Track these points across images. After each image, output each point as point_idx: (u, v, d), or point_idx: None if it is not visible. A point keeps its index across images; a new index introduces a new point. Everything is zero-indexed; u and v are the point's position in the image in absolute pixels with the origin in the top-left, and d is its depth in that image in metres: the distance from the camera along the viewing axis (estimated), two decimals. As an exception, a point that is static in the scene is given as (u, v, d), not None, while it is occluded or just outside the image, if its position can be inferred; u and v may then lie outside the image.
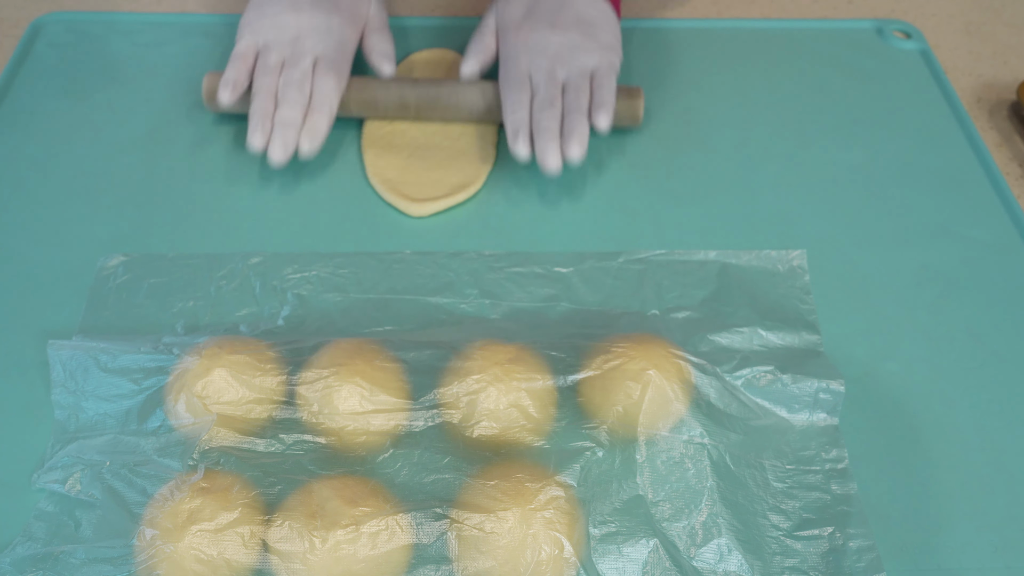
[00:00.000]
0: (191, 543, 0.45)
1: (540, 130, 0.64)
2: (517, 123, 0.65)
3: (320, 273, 0.62)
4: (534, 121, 0.65)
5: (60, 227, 0.65)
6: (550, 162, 0.63)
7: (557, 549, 0.46)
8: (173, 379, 0.52)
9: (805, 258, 0.63)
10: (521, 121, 0.65)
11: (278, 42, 0.68)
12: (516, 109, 0.66)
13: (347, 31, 0.69)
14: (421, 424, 0.52)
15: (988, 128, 0.76)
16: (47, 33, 0.79)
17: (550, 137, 0.64)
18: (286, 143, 0.64)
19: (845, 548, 0.49)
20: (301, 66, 0.67)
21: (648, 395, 0.51)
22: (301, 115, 0.65)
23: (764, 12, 0.85)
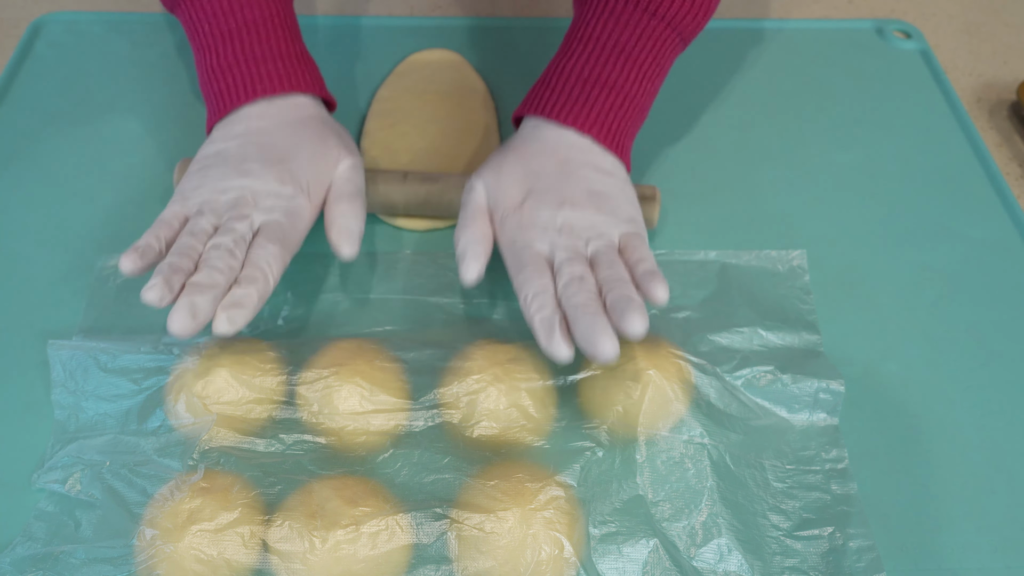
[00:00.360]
0: (191, 543, 0.45)
1: (579, 312, 0.49)
2: (547, 319, 0.50)
3: (320, 273, 0.62)
4: (567, 301, 0.50)
5: (60, 227, 0.65)
6: (607, 349, 0.47)
7: (557, 549, 0.46)
8: (173, 379, 0.52)
9: (805, 258, 0.63)
10: (551, 316, 0.50)
11: (214, 206, 0.54)
12: (541, 301, 0.50)
13: (302, 201, 0.56)
14: (421, 424, 0.52)
15: (988, 128, 0.76)
16: (47, 33, 0.79)
17: (596, 316, 0.49)
18: (196, 309, 0.48)
19: (845, 548, 0.49)
20: (236, 231, 0.53)
21: (648, 395, 0.51)
22: (225, 282, 0.50)
23: (764, 12, 0.85)
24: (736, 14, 0.84)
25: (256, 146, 0.57)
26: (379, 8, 0.84)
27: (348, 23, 0.81)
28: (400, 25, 0.81)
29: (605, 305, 0.50)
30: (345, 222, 0.56)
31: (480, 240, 0.55)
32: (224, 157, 0.57)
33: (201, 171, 0.57)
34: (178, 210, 0.55)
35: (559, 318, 0.50)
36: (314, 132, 0.59)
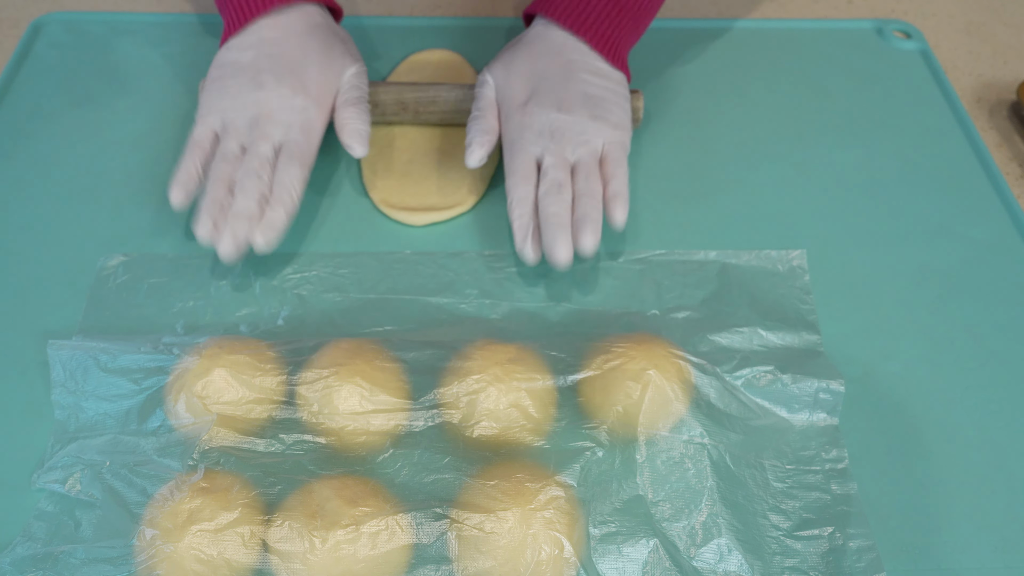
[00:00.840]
0: (191, 543, 0.45)
1: (548, 220, 0.59)
2: (524, 224, 0.60)
3: (320, 273, 0.62)
4: (541, 208, 0.60)
5: (60, 227, 0.65)
6: (560, 254, 0.58)
7: (557, 549, 0.46)
8: (173, 379, 0.52)
9: (805, 258, 0.63)
10: (527, 222, 0.60)
11: (238, 124, 0.62)
12: (522, 209, 0.60)
13: (313, 112, 0.63)
14: (421, 424, 0.52)
15: (988, 128, 0.76)
16: (47, 33, 0.79)
17: (559, 227, 0.58)
18: (237, 237, 0.58)
19: (845, 548, 0.49)
20: (261, 153, 0.60)
21: (648, 395, 0.51)
22: (258, 207, 0.59)
23: (764, 12, 0.85)
24: (736, 14, 0.84)
25: (268, 57, 0.63)
26: (379, 8, 0.84)
27: (348, 23, 0.81)
28: (400, 25, 0.81)
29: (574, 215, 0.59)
30: (355, 125, 0.63)
31: (487, 131, 0.64)
32: (239, 67, 0.63)
33: (219, 83, 0.63)
34: (205, 129, 0.62)
35: (534, 226, 0.60)
36: (322, 40, 0.65)
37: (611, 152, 0.62)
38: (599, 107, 0.63)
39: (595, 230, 0.58)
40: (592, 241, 0.58)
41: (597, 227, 0.59)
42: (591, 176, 0.61)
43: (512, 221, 0.60)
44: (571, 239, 0.58)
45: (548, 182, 0.60)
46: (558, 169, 0.61)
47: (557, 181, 0.60)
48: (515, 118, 0.63)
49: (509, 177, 0.62)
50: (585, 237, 0.58)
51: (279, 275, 0.62)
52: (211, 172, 0.60)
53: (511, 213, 0.60)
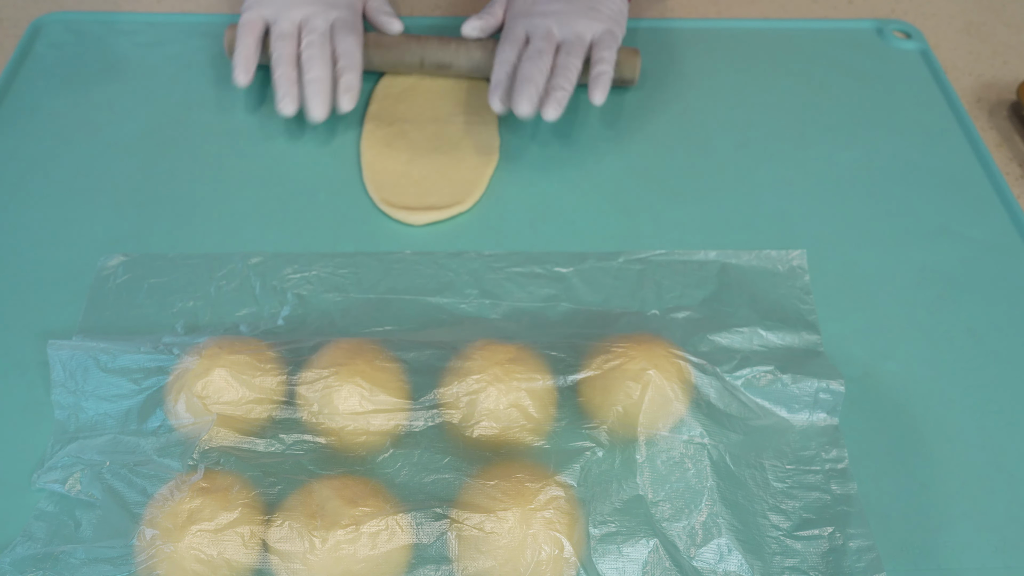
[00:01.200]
0: (191, 543, 0.45)
1: (521, 78, 0.64)
2: (499, 77, 0.66)
3: (320, 273, 0.62)
4: (518, 66, 0.65)
5: (60, 227, 0.65)
6: (522, 108, 0.63)
7: (557, 549, 0.46)
8: (173, 379, 0.52)
9: (805, 258, 0.63)
10: (503, 76, 0.66)
11: (286, 9, 0.68)
12: (502, 64, 0.66)
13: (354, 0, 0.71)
14: (421, 424, 0.52)
15: (988, 128, 0.76)
16: (47, 33, 0.79)
17: (529, 86, 0.63)
18: (324, 99, 0.65)
19: (845, 548, 0.49)
20: (319, 29, 0.67)
21: (648, 395, 0.51)
22: (330, 74, 0.66)
23: (764, 12, 0.85)
24: (736, 14, 0.84)
25: None
26: (379, 8, 0.84)
27: (348, 23, 0.81)
28: (400, 25, 0.81)
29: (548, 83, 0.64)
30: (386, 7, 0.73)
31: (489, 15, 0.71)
32: None
33: None
34: (254, 15, 0.68)
35: (507, 84, 0.65)
36: None
37: (601, 39, 0.67)
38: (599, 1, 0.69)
39: (560, 101, 0.63)
40: (554, 111, 0.63)
41: (564, 98, 0.64)
42: (573, 52, 0.65)
43: (492, 75, 0.66)
44: (536, 97, 0.63)
45: (530, 49, 0.65)
46: (542, 40, 0.66)
47: (538, 49, 0.65)
48: (518, 3, 0.70)
49: (499, 45, 0.68)
50: (549, 106, 0.63)
51: (279, 275, 0.62)
52: (274, 52, 0.66)
53: (493, 69, 0.67)
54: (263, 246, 0.64)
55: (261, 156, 0.70)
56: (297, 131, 0.72)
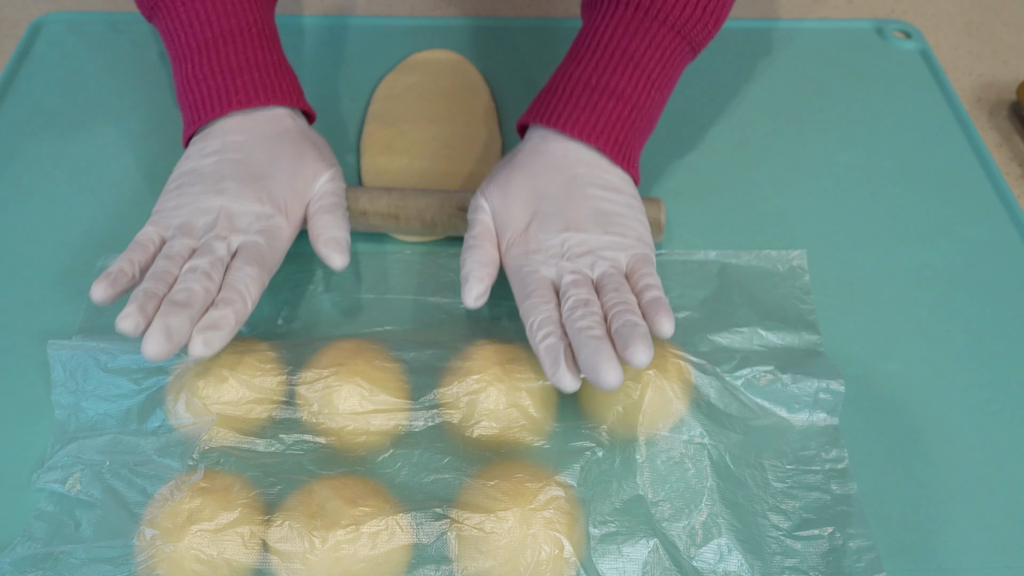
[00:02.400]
0: (191, 543, 0.45)
1: (582, 335, 0.48)
2: (553, 347, 0.49)
3: (320, 273, 0.62)
4: (571, 328, 0.49)
5: (60, 227, 0.65)
6: (611, 376, 0.47)
7: (557, 549, 0.46)
8: (173, 379, 0.52)
9: (805, 258, 0.63)
10: (556, 344, 0.49)
11: (191, 228, 0.54)
12: (547, 330, 0.50)
13: (278, 221, 0.55)
14: (421, 424, 0.52)
15: (988, 128, 0.76)
16: (47, 33, 0.79)
17: (603, 344, 0.48)
18: (170, 329, 0.48)
19: (845, 548, 0.49)
20: (214, 253, 0.52)
21: (648, 395, 0.51)
22: (200, 304, 0.50)
23: (764, 12, 0.85)
24: (736, 14, 0.84)
25: (232, 163, 0.56)
26: (379, 8, 0.84)
27: (348, 23, 0.81)
28: (400, 25, 0.81)
29: (610, 332, 0.49)
30: (331, 233, 0.56)
31: (486, 263, 0.54)
32: (200, 175, 0.56)
33: (178, 189, 0.56)
34: (153, 232, 0.54)
35: (564, 346, 0.49)
36: (291, 146, 0.58)
37: (637, 264, 0.53)
38: (614, 224, 0.55)
39: (647, 339, 0.48)
40: (646, 354, 0.47)
41: (647, 335, 0.48)
42: (622, 288, 0.51)
43: (537, 347, 0.50)
44: (616, 356, 0.48)
45: (571, 300, 0.51)
46: (580, 287, 0.52)
47: (583, 299, 0.51)
48: (518, 246, 0.55)
49: (524, 302, 0.52)
50: (637, 351, 0.47)
51: (279, 275, 0.61)
52: (151, 269, 0.51)
53: (533, 338, 0.50)
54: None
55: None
56: (297, 131, 0.72)
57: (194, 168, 0.57)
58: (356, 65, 0.77)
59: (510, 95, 0.75)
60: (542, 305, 0.51)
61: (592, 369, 0.47)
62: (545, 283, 0.53)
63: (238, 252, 0.53)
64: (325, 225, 0.56)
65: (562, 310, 0.51)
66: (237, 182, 0.55)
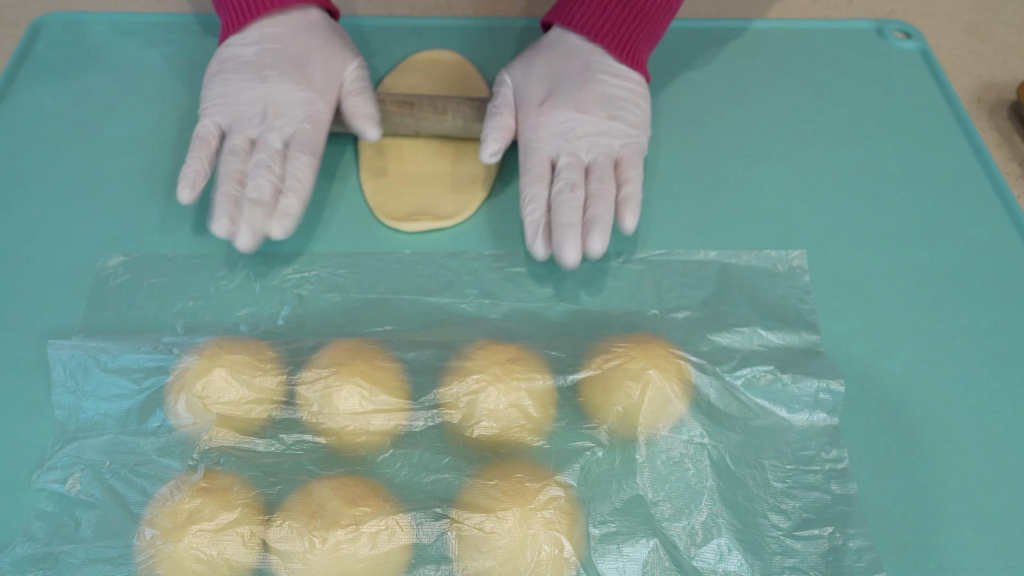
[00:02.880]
0: (191, 543, 0.45)
1: (559, 220, 0.59)
2: (535, 221, 0.60)
3: (320, 273, 0.62)
4: (553, 208, 0.60)
5: (60, 227, 0.65)
6: (568, 256, 0.58)
7: (557, 549, 0.46)
8: (173, 379, 0.52)
9: (805, 258, 0.63)
10: (539, 219, 0.60)
11: (244, 119, 0.62)
12: (534, 206, 0.60)
13: (319, 104, 0.63)
14: (421, 424, 0.52)
15: (988, 128, 0.76)
16: (47, 33, 0.79)
17: (569, 228, 0.58)
18: (254, 228, 0.58)
19: (845, 548, 0.49)
20: (271, 145, 0.61)
21: (648, 395, 0.51)
22: (271, 197, 0.59)
23: (764, 12, 0.85)
24: (736, 14, 0.84)
25: (272, 53, 0.64)
26: (379, 8, 0.84)
27: (348, 23, 0.81)
28: (400, 25, 0.81)
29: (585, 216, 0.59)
30: (364, 111, 0.65)
31: (503, 127, 0.64)
32: (243, 62, 0.64)
33: (221, 75, 0.64)
34: (211, 124, 0.62)
35: (545, 223, 0.60)
36: (322, 37, 0.66)
37: (627, 155, 0.62)
38: (617, 107, 0.63)
39: (604, 233, 0.58)
40: (600, 244, 0.58)
41: (607, 230, 0.59)
42: (605, 177, 0.61)
43: (524, 218, 0.60)
44: (580, 241, 0.58)
45: (562, 182, 0.60)
46: (572, 169, 0.61)
47: (571, 181, 0.60)
48: (531, 118, 0.64)
49: (523, 175, 0.62)
50: (594, 240, 0.58)
51: (279, 275, 0.62)
52: (221, 167, 0.60)
53: (523, 210, 0.61)
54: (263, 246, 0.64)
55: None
56: (297, 131, 0.72)
57: (235, 55, 0.64)
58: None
59: (510, 95, 0.75)
60: (537, 183, 0.61)
61: (557, 247, 0.58)
62: (544, 162, 0.62)
63: (291, 141, 0.62)
64: (358, 104, 0.65)
65: (553, 189, 0.61)
66: (278, 70, 0.63)
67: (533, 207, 0.60)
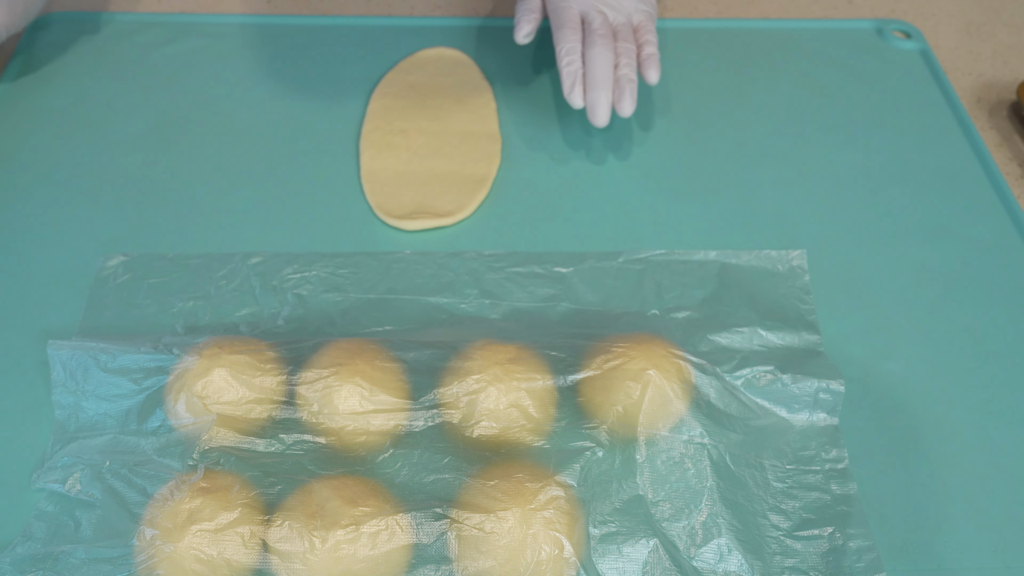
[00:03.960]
0: (191, 543, 0.45)
1: (594, 76, 0.66)
2: (572, 73, 0.66)
3: (320, 273, 0.62)
4: (588, 61, 0.66)
5: (60, 227, 0.65)
6: (600, 114, 0.65)
7: (557, 549, 0.46)
8: (173, 379, 0.52)
9: (805, 258, 0.63)
10: (576, 71, 0.66)
11: None
12: (571, 58, 0.67)
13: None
14: (421, 424, 0.52)
15: (988, 128, 0.76)
16: (47, 33, 0.79)
17: (603, 87, 0.65)
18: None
19: (845, 548, 0.49)
20: None
21: (648, 395, 0.51)
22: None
23: (764, 12, 0.85)
24: (736, 14, 0.84)
25: None
26: (379, 8, 0.84)
27: (348, 23, 0.81)
28: (400, 25, 0.81)
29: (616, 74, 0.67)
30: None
31: (532, 10, 0.71)
32: None
33: None
34: None
35: (581, 74, 0.66)
36: None
37: (643, 21, 0.70)
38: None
39: (632, 93, 0.66)
40: (630, 105, 0.66)
41: (635, 89, 0.66)
42: (628, 38, 0.68)
43: (561, 69, 0.67)
44: (611, 100, 0.66)
45: (595, 36, 0.67)
46: (602, 27, 0.68)
47: (603, 35, 0.67)
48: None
49: (557, 30, 0.68)
50: (624, 100, 0.66)
51: (279, 275, 0.62)
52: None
53: (560, 61, 0.67)
54: (263, 246, 0.64)
55: (261, 156, 0.70)
56: (297, 131, 0.72)
57: None
58: (356, 65, 0.77)
59: (510, 95, 0.75)
60: (571, 35, 0.68)
61: (591, 104, 0.66)
62: (575, 18, 0.69)
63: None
64: None
65: (586, 46, 0.67)
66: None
67: (570, 59, 0.67)
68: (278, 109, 0.74)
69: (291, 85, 0.75)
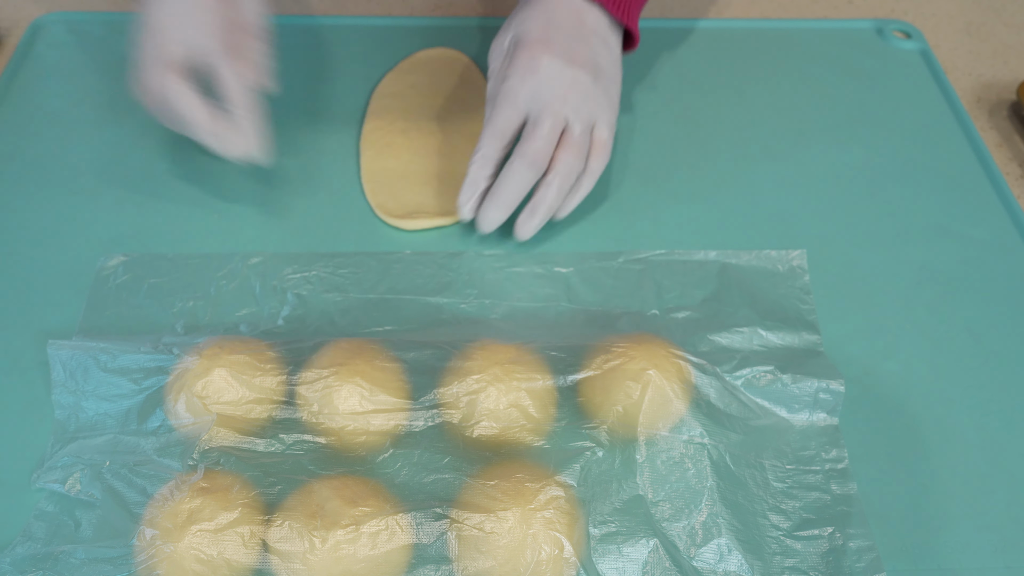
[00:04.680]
0: (191, 543, 0.45)
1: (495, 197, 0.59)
2: (473, 183, 0.60)
3: (320, 273, 0.62)
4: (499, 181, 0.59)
5: (60, 227, 0.65)
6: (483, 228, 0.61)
7: (557, 549, 0.46)
8: (173, 379, 0.52)
9: (805, 258, 0.63)
10: (478, 182, 0.60)
11: None
12: (482, 163, 0.60)
13: None
14: (421, 424, 0.52)
15: (988, 128, 0.76)
16: (47, 33, 0.79)
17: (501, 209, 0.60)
18: None
19: (845, 548, 0.49)
20: None
21: (648, 395, 0.51)
22: None
23: (764, 12, 0.85)
24: (736, 14, 0.84)
25: None
26: (379, 8, 0.84)
27: (348, 23, 0.81)
28: (400, 25, 0.81)
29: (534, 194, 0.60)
30: None
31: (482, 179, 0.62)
32: None
33: None
34: None
35: (484, 189, 0.60)
36: None
37: (600, 130, 0.61)
38: (604, 79, 0.62)
39: (542, 219, 0.61)
40: (530, 231, 0.61)
41: (547, 215, 0.61)
42: (576, 152, 0.59)
43: (468, 169, 0.60)
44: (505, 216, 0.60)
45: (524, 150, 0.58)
46: (543, 139, 0.58)
47: (534, 152, 0.58)
48: (523, 54, 0.60)
49: (484, 128, 0.60)
50: (527, 225, 0.60)
51: (279, 275, 0.62)
52: None
53: (471, 164, 0.60)
54: (263, 246, 0.64)
55: (261, 156, 0.70)
56: (298, 130, 0.72)
57: None
58: (356, 65, 0.77)
59: (510, 95, 0.75)
60: (494, 142, 0.60)
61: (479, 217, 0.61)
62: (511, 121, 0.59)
63: None
64: None
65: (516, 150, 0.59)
66: None
67: (479, 167, 0.60)
68: (278, 109, 0.74)
69: (291, 85, 0.74)
